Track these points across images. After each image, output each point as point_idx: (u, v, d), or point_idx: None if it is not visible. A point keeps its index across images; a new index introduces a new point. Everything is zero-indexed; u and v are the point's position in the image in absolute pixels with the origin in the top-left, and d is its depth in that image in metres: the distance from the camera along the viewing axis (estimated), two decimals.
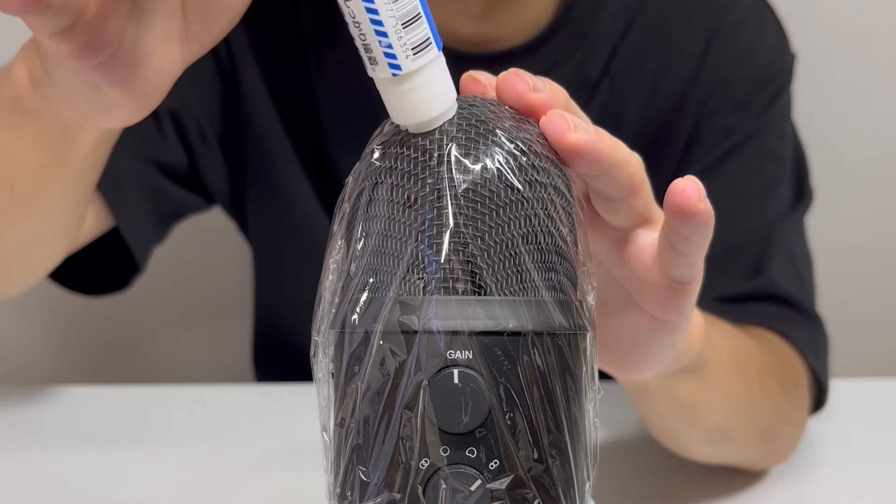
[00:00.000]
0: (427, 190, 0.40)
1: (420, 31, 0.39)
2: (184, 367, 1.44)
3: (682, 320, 0.52)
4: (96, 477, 0.79)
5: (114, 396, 0.94)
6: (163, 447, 0.84)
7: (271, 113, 0.92)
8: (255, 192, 0.96)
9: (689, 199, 0.45)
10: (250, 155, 0.94)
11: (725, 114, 0.88)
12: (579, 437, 0.42)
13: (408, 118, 0.41)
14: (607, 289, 0.52)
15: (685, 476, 0.78)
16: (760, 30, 0.91)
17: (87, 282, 0.91)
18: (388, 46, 0.39)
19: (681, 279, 0.49)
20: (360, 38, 0.40)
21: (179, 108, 0.90)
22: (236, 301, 1.34)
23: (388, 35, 0.38)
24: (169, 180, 0.92)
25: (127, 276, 0.91)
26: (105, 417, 0.89)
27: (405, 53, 0.39)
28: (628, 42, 0.89)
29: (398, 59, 0.39)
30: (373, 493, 0.40)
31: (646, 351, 0.54)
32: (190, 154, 0.92)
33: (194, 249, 1.33)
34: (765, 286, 0.84)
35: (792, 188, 0.90)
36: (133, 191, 0.88)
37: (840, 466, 0.82)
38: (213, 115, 0.92)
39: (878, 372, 1.34)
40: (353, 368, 0.41)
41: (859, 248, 1.39)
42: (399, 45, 0.39)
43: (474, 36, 0.86)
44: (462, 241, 0.40)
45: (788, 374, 0.79)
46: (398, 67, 0.39)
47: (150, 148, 0.89)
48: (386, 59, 0.39)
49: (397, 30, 0.38)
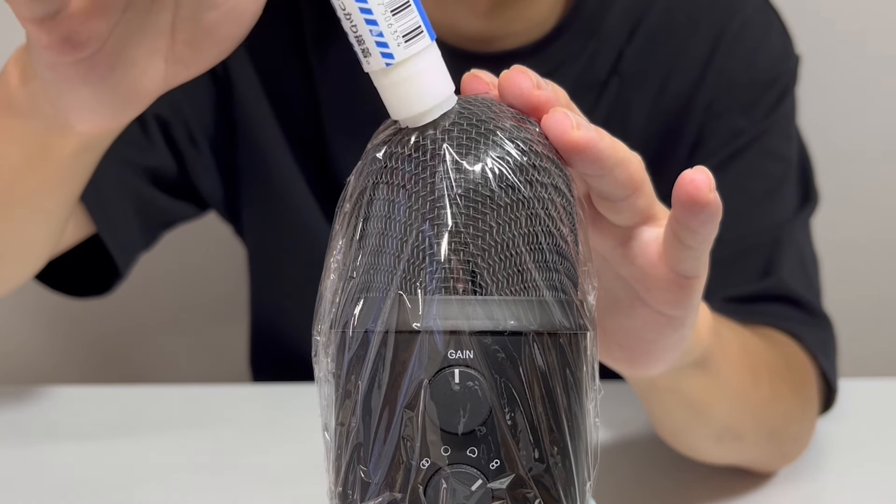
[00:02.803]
0: (427, 190, 0.40)
1: (410, 18, 0.39)
2: (182, 367, 1.44)
3: (688, 315, 0.52)
4: (96, 477, 0.79)
5: (114, 396, 0.94)
6: (162, 447, 0.84)
7: (268, 115, 0.92)
8: (249, 195, 0.96)
9: (700, 188, 0.45)
10: (244, 158, 0.94)
11: (732, 115, 0.88)
12: (580, 436, 0.42)
13: (404, 110, 0.41)
14: (614, 287, 0.52)
15: (686, 476, 0.78)
16: (766, 32, 0.91)
17: (71, 283, 0.90)
18: (380, 35, 0.39)
19: (687, 273, 0.49)
20: (353, 31, 0.40)
21: (167, 113, 0.89)
22: (234, 302, 1.34)
23: (377, 23, 0.39)
24: (155, 188, 0.91)
25: (112, 280, 0.91)
26: (105, 417, 0.89)
27: (396, 41, 0.39)
28: (635, 44, 0.89)
29: (390, 46, 0.39)
30: (374, 492, 0.40)
31: (654, 347, 0.54)
32: (179, 159, 0.92)
33: (192, 251, 1.33)
34: (774, 287, 0.83)
35: (798, 190, 0.90)
36: (116, 198, 0.87)
37: (844, 467, 0.82)
38: (204, 118, 0.92)
39: (879, 372, 1.34)
40: (353, 368, 0.41)
41: (860, 248, 1.39)
42: (390, 33, 0.39)
43: (480, 33, 0.86)
44: (462, 241, 0.40)
45: (798, 374, 0.78)
46: (391, 56, 0.39)
47: (136, 153, 0.89)
48: (378, 48, 0.39)
49: (387, 17, 0.39)
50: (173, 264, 1.30)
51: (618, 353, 0.55)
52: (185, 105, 0.90)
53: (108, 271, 0.89)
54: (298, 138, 0.93)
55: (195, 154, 0.92)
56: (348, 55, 0.43)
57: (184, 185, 0.93)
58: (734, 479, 0.77)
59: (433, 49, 0.41)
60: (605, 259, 0.52)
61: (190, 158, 0.92)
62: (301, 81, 0.92)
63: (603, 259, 0.52)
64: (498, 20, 0.86)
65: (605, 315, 0.53)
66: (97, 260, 0.88)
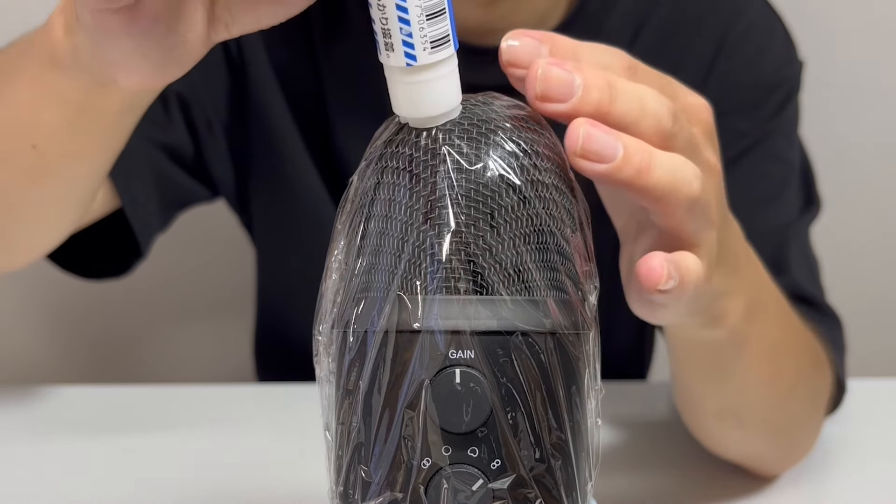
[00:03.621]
0: (429, 190, 0.40)
1: (442, 26, 0.39)
2: (184, 366, 1.44)
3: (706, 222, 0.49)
4: (96, 477, 0.79)
5: (114, 396, 0.94)
6: (163, 447, 0.84)
7: (281, 104, 0.92)
8: (260, 184, 0.96)
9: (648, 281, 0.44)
10: (257, 147, 0.94)
11: (735, 118, 0.88)
12: (581, 436, 0.42)
13: (412, 111, 0.41)
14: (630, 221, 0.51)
15: (687, 476, 0.78)
16: (769, 36, 0.91)
17: (85, 266, 0.90)
18: (409, 35, 0.38)
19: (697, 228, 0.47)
20: (382, 22, 0.39)
21: (187, 94, 0.90)
22: (236, 300, 1.35)
23: (410, 23, 0.38)
24: (175, 164, 0.91)
25: (127, 262, 0.90)
26: (105, 417, 0.89)
27: (423, 45, 0.39)
28: (638, 45, 0.89)
29: (415, 49, 0.39)
30: (375, 492, 0.40)
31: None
32: (196, 141, 0.92)
33: (194, 248, 1.33)
34: (787, 286, 0.83)
35: (801, 194, 0.90)
36: (139, 171, 0.87)
37: (845, 467, 0.81)
38: (219, 105, 0.92)
39: (879, 372, 1.34)
40: (354, 368, 0.41)
41: (860, 248, 1.39)
42: (419, 36, 0.39)
43: (481, 25, 0.85)
44: (463, 241, 0.40)
45: (818, 381, 0.78)
46: (413, 58, 0.39)
47: (157, 130, 0.89)
48: (404, 47, 0.39)
49: (421, 20, 0.38)
50: (175, 263, 1.30)
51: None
52: (203, 89, 0.91)
53: (123, 252, 0.89)
54: (309, 130, 0.93)
55: (210, 138, 0.92)
56: (355, 50, 0.43)
57: (199, 167, 0.94)
58: (735, 479, 0.77)
59: (453, 59, 0.40)
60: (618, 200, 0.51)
61: (205, 142, 0.92)
62: (309, 74, 0.92)
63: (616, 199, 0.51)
64: (497, 11, 0.85)
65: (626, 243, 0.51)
66: (111, 240, 0.88)
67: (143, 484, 0.78)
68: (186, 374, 1.41)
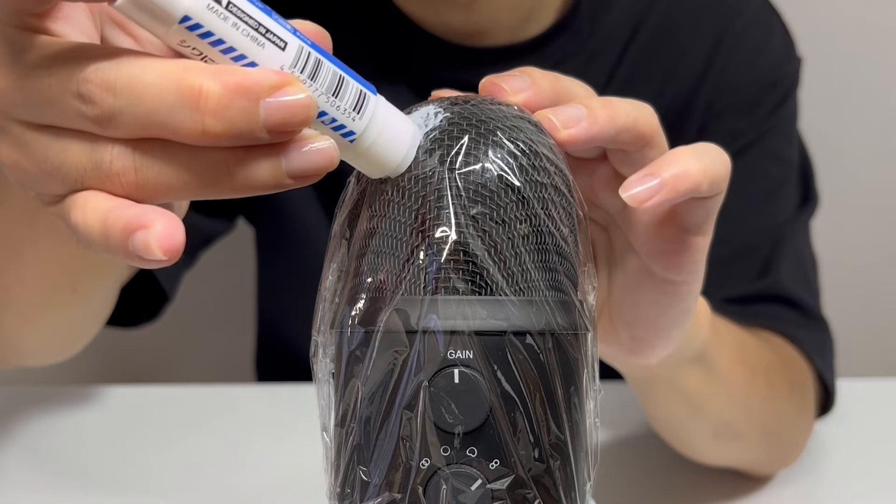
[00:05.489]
0: (427, 190, 0.40)
1: (350, 90, 0.38)
2: (185, 369, 1.44)
3: (692, 282, 0.53)
4: (96, 477, 0.79)
5: (114, 396, 0.94)
6: (163, 447, 0.84)
7: None
8: (256, 199, 0.96)
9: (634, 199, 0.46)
10: None
11: (733, 116, 0.88)
12: (580, 437, 0.42)
13: (384, 169, 0.40)
14: (623, 259, 0.53)
15: (686, 476, 0.78)
16: (768, 34, 0.91)
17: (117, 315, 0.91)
18: (332, 121, 0.38)
19: (693, 227, 0.50)
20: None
21: None
22: (239, 305, 1.35)
23: (326, 112, 0.38)
24: (193, 211, 0.91)
25: (158, 305, 0.90)
26: (105, 417, 0.89)
27: (350, 117, 0.38)
28: (636, 44, 0.89)
29: (346, 126, 0.38)
30: (373, 493, 0.40)
31: (660, 322, 0.54)
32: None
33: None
34: (771, 287, 0.84)
35: (798, 191, 0.90)
36: None
37: (843, 467, 0.82)
38: None
39: (879, 372, 1.34)
40: (353, 368, 0.41)
41: (860, 248, 1.39)
42: (340, 114, 0.38)
43: (465, 26, 0.84)
44: (462, 241, 0.40)
45: (795, 376, 0.79)
46: (351, 133, 0.38)
47: None
48: (336, 132, 0.38)
49: (330, 101, 0.38)
50: None
51: (624, 333, 0.55)
52: None
53: (152, 297, 0.90)
54: None
55: None
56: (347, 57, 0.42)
57: (215, 203, 0.93)
58: (734, 479, 0.77)
59: (381, 102, 0.40)
60: (614, 220, 0.53)
61: None
62: None
63: (614, 224, 0.53)
64: (480, 12, 0.84)
65: (614, 291, 0.54)
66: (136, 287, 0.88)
67: (143, 484, 0.78)
68: (187, 376, 1.41)
